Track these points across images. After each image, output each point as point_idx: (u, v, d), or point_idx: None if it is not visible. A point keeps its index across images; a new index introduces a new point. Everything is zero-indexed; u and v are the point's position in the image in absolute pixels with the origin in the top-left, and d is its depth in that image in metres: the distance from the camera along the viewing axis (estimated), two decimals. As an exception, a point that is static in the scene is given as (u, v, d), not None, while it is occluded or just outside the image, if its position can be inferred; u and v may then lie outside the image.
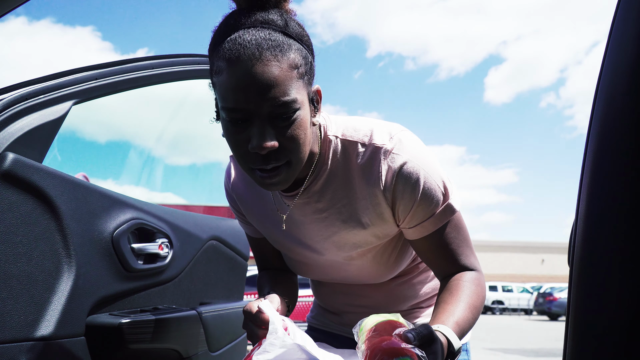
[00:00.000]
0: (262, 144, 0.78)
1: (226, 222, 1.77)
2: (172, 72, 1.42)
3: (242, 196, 1.07)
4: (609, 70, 0.53)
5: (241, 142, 0.81)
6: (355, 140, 0.92)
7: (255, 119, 0.79)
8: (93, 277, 1.17)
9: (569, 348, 0.52)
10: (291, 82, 0.79)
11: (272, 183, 0.84)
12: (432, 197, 0.90)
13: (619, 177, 0.49)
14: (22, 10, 1.07)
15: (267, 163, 0.81)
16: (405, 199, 0.90)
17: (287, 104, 0.79)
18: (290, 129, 0.81)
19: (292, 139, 0.81)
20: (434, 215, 0.91)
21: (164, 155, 2.46)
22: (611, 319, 0.48)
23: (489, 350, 8.73)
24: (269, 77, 0.77)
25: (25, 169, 1.03)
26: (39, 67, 62.89)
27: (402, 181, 0.88)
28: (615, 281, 0.48)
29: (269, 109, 0.78)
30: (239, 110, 0.79)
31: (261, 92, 0.77)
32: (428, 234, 0.93)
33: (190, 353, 1.41)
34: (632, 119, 0.48)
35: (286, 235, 1.03)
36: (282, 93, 0.78)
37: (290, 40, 0.81)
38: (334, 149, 0.93)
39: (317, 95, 0.89)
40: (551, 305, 19.68)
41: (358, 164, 0.91)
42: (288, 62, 0.79)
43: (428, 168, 0.90)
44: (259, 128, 0.79)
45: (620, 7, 0.53)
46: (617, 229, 0.48)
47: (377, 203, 0.91)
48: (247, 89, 0.77)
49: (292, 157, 0.83)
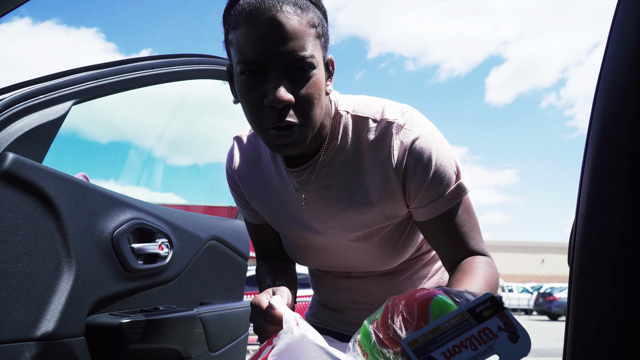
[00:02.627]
0: (278, 97, 0.77)
1: (226, 222, 1.77)
2: (172, 72, 1.42)
3: (245, 178, 1.05)
4: (609, 71, 0.53)
5: (257, 99, 0.80)
6: (366, 116, 0.91)
7: (272, 72, 0.78)
8: (93, 277, 1.17)
9: (569, 348, 0.52)
10: (310, 39, 0.79)
11: (285, 144, 0.82)
12: (444, 174, 0.88)
13: (619, 177, 0.49)
14: (26, 11, 1.07)
15: (282, 119, 0.80)
16: (417, 176, 0.88)
17: (304, 58, 0.78)
18: (306, 86, 0.80)
19: (308, 97, 0.81)
20: (446, 194, 0.88)
21: (164, 155, 2.46)
22: (611, 319, 0.48)
23: (489, 350, 8.71)
24: (288, 29, 0.77)
25: (25, 169, 1.03)
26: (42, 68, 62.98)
27: (414, 157, 0.87)
28: (615, 281, 0.48)
29: (287, 61, 0.78)
30: (256, 61, 0.78)
31: (280, 42, 0.77)
32: (438, 215, 0.90)
33: (190, 353, 1.41)
34: (632, 119, 0.48)
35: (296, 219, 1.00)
36: (300, 46, 0.78)
37: (308, 2, 0.82)
38: (345, 124, 0.92)
39: (331, 64, 0.89)
40: (551, 305, 19.67)
41: (368, 139, 0.90)
42: (307, 19, 0.80)
43: (440, 145, 0.89)
44: (275, 81, 0.78)
45: (620, 7, 0.53)
46: (617, 229, 0.48)
47: (387, 179, 0.90)
48: (266, 39, 0.77)
49: (306, 117, 0.82)
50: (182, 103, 2.07)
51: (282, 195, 1.00)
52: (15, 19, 41.30)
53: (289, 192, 0.99)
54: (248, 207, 1.10)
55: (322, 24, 0.84)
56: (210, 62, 1.56)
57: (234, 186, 1.09)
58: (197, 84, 1.63)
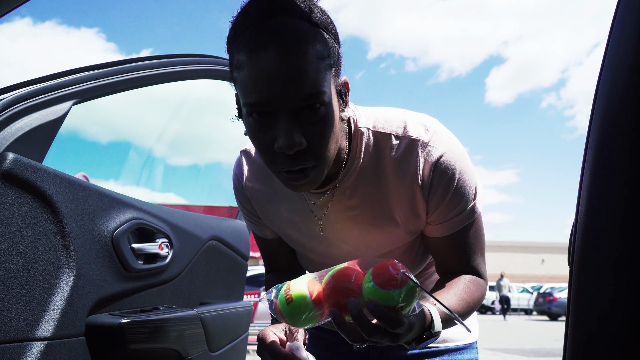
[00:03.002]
0: (289, 144, 0.72)
1: (226, 222, 1.77)
2: (172, 72, 1.42)
3: (257, 195, 1.00)
4: (609, 71, 0.53)
5: (266, 142, 0.76)
6: (388, 132, 0.87)
7: (280, 115, 0.73)
8: (93, 277, 1.17)
9: (569, 348, 0.52)
10: (318, 74, 0.73)
11: (300, 185, 0.79)
12: (463, 194, 0.87)
13: (619, 177, 0.49)
14: (27, 11, 1.07)
15: (295, 164, 0.75)
16: (437, 193, 0.86)
17: (313, 96, 0.73)
18: (319, 125, 0.75)
19: (321, 137, 0.76)
20: (461, 214, 0.88)
21: (164, 155, 2.46)
22: (611, 319, 0.48)
23: (489, 350, 8.72)
24: (294, 69, 0.71)
25: (25, 169, 1.03)
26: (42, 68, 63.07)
27: (438, 174, 0.85)
28: (615, 281, 0.48)
29: (295, 103, 0.72)
30: (262, 104, 0.73)
31: (286, 84, 0.71)
32: (450, 234, 0.90)
33: (190, 353, 1.41)
34: (632, 119, 0.48)
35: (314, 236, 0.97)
36: (308, 86, 0.72)
37: (316, 28, 0.74)
38: (366, 142, 0.87)
39: (345, 87, 0.83)
40: (551, 305, 19.66)
41: (392, 157, 0.86)
42: (314, 52, 0.73)
43: (463, 163, 0.87)
44: (285, 125, 0.73)
45: (620, 7, 0.53)
46: (617, 229, 0.48)
47: (413, 198, 0.87)
48: (270, 82, 0.71)
49: (320, 158, 0.77)
50: (182, 103, 2.07)
51: (299, 214, 0.96)
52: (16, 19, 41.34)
53: (306, 211, 0.95)
54: (258, 223, 1.05)
55: (333, 50, 0.77)
56: (210, 62, 1.56)
57: (244, 202, 1.04)
58: (197, 84, 1.63)
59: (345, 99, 0.83)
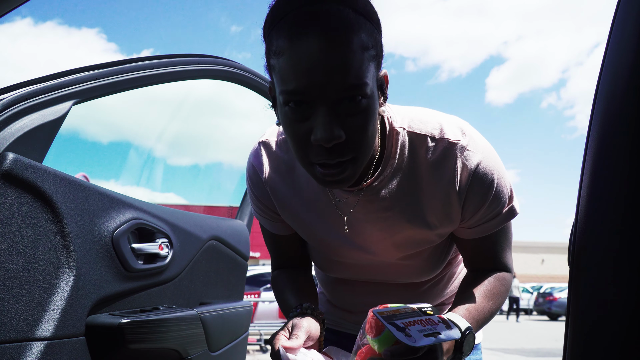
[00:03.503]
0: (328, 136, 0.69)
1: (226, 222, 1.77)
2: (172, 72, 1.42)
3: (278, 189, 0.95)
4: (609, 71, 0.53)
5: (302, 133, 0.72)
6: (424, 133, 0.84)
7: (319, 105, 0.70)
8: (93, 277, 1.17)
9: (569, 348, 0.52)
10: (361, 65, 0.70)
11: (335, 181, 0.75)
12: (500, 198, 0.86)
13: (619, 177, 0.49)
14: (27, 11, 1.07)
15: (332, 157, 0.72)
16: (476, 199, 0.85)
17: (356, 88, 0.69)
18: (359, 118, 0.72)
19: (360, 131, 0.72)
20: (497, 217, 0.88)
21: (165, 155, 2.46)
22: (611, 319, 0.48)
23: (489, 350, 8.72)
24: (337, 57, 0.67)
25: (25, 169, 1.03)
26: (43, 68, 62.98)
27: (478, 181, 0.83)
28: (615, 281, 0.48)
29: (336, 93, 0.69)
30: (301, 93, 0.69)
31: (328, 73, 0.67)
32: (484, 235, 0.90)
33: (190, 353, 1.41)
34: (632, 119, 0.48)
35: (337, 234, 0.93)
36: (351, 76, 0.69)
37: (361, 17, 0.71)
38: (402, 142, 0.84)
39: (385, 80, 0.79)
40: (551, 305, 19.66)
41: (427, 159, 0.84)
42: (359, 42, 0.69)
43: (500, 169, 0.86)
44: (324, 117, 0.70)
45: (620, 7, 0.53)
46: (617, 229, 0.48)
47: (448, 202, 0.85)
48: (312, 70, 0.67)
49: (359, 152, 0.74)
50: (182, 103, 2.07)
51: (322, 212, 0.93)
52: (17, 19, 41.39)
53: (332, 210, 0.92)
54: (272, 218, 1.01)
55: (376, 41, 0.74)
56: (210, 62, 1.56)
57: (262, 197, 0.98)
58: (197, 84, 1.63)
59: (385, 93, 0.80)
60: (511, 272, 0.97)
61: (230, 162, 1.00)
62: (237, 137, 1.09)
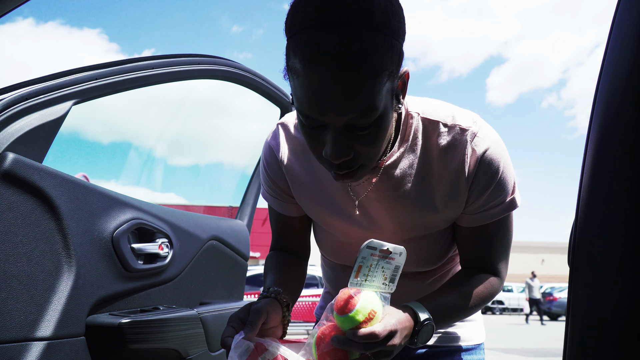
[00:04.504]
0: (336, 156, 0.75)
1: (226, 222, 1.77)
2: (172, 72, 1.42)
3: (294, 170, 0.98)
4: (609, 71, 0.53)
5: (315, 143, 0.78)
6: (436, 119, 0.88)
7: (330, 128, 0.74)
8: (93, 277, 1.17)
9: (569, 348, 0.52)
10: (373, 92, 0.71)
11: (346, 180, 0.81)
12: (504, 187, 0.89)
13: (619, 177, 0.49)
14: (29, 11, 1.07)
15: (341, 169, 0.78)
16: (480, 185, 0.88)
17: (366, 114, 0.72)
18: (370, 134, 0.76)
19: (371, 145, 0.77)
20: (498, 206, 0.90)
21: (165, 155, 2.46)
22: (611, 318, 0.48)
23: (489, 350, 8.73)
24: (347, 88, 0.69)
25: (25, 169, 1.03)
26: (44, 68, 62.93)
27: (484, 167, 0.87)
28: (615, 281, 0.48)
29: (346, 120, 0.73)
30: (312, 119, 0.74)
31: (337, 104, 0.70)
32: (484, 224, 0.92)
33: (190, 353, 1.41)
34: (632, 119, 0.48)
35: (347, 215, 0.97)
36: (362, 104, 0.71)
37: (377, 36, 0.69)
38: (415, 126, 0.89)
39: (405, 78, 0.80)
40: (551, 305, 19.66)
41: (439, 144, 0.88)
42: (372, 67, 0.70)
43: (506, 158, 0.89)
44: (333, 137, 0.74)
45: (620, 8, 0.53)
46: (617, 229, 0.48)
47: (456, 187, 0.89)
48: (322, 100, 0.70)
49: (369, 160, 0.79)
50: (183, 103, 2.07)
51: (335, 193, 0.96)
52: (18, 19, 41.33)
53: (344, 189, 0.95)
54: (283, 199, 1.03)
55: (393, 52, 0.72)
56: (210, 62, 1.56)
57: (275, 176, 1.01)
58: (198, 84, 1.63)
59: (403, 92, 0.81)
60: (501, 279, 0.98)
61: (231, 162, 1.01)
62: (237, 138, 1.09)
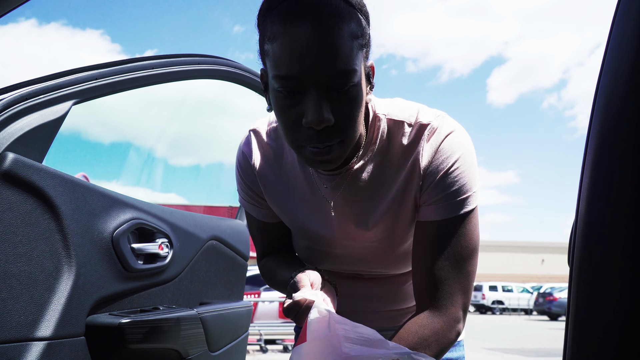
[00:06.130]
0: (319, 118, 0.73)
1: (226, 222, 1.77)
2: (172, 72, 1.42)
3: (266, 177, 0.99)
4: (609, 71, 0.53)
5: (293, 117, 0.76)
6: (401, 119, 0.89)
7: (310, 90, 0.74)
8: (93, 277, 1.17)
9: (569, 348, 0.52)
10: (351, 52, 0.73)
11: (324, 160, 0.79)
12: (459, 177, 0.85)
13: (619, 177, 0.49)
14: (31, 12, 1.07)
15: (321, 141, 0.76)
16: (434, 170, 0.86)
17: (346, 74, 0.73)
18: (347, 103, 0.76)
19: (348, 116, 0.77)
20: (454, 200, 0.85)
21: (166, 155, 2.46)
22: (611, 319, 0.48)
23: (489, 350, 8.73)
24: (329, 43, 0.71)
25: (25, 169, 1.03)
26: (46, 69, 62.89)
27: (440, 154, 0.85)
28: (615, 281, 0.48)
29: (327, 78, 0.73)
30: (293, 78, 0.73)
31: (320, 58, 0.71)
32: (437, 220, 0.86)
33: (190, 353, 1.41)
34: (632, 119, 0.48)
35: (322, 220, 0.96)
36: (342, 62, 0.72)
37: (351, 8, 0.75)
38: (382, 128, 0.89)
39: (372, 71, 0.84)
40: (551, 305, 19.67)
41: (403, 144, 0.88)
42: (349, 30, 0.73)
43: (466, 150, 0.87)
44: (314, 101, 0.73)
45: (620, 7, 0.53)
46: (617, 229, 0.48)
47: (413, 180, 0.88)
48: (304, 55, 0.71)
49: (346, 136, 0.78)
50: (184, 103, 2.07)
51: (307, 198, 0.96)
52: (21, 20, 41.33)
53: (315, 195, 0.95)
54: (260, 205, 1.04)
55: (365, 31, 0.78)
56: (210, 62, 1.56)
57: (250, 183, 1.02)
58: (199, 84, 1.63)
59: (372, 82, 0.84)
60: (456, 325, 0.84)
61: (231, 162, 1.01)
62: (238, 138, 1.10)
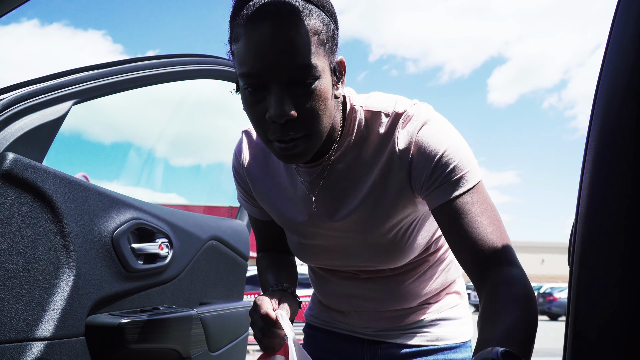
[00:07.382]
0: (279, 113, 0.76)
1: (226, 222, 1.77)
2: (172, 72, 1.42)
3: (254, 175, 1.04)
4: (609, 71, 0.52)
5: (259, 113, 0.79)
6: (378, 110, 0.90)
7: (272, 86, 0.77)
8: (93, 277, 1.17)
9: (569, 348, 0.52)
10: (309, 47, 0.77)
11: (291, 155, 0.81)
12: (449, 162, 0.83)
13: (619, 177, 0.49)
14: (33, 12, 1.07)
15: (285, 134, 0.79)
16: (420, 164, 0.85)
17: (304, 68, 0.76)
18: (310, 98, 0.78)
19: (311, 110, 0.79)
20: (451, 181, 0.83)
21: (167, 156, 2.46)
22: (611, 318, 0.48)
23: (489, 350, 8.70)
24: (287, 40, 0.75)
25: (25, 169, 1.03)
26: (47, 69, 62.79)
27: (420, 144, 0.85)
28: (615, 281, 0.48)
29: (287, 74, 0.76)
30: (255, 75, 0.77)
31: (278, 55, 0.75)
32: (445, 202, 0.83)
33: (190, 353, 1.41)
34: (632, 119, 0.48)
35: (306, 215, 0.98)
36: (300, 57, 0.76)
37: (311, 6, 0.79)
38: (359, 120, 0.91)
39: (341, 66, 0.86)
40: (551, 305, 19.65)
41: (380, 133, 0.89)
42: (308, 27, 0.77)
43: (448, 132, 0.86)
44: (276, 96, 0.77)
45: (620, 7, 0.53)
46: (617, 229, 0.48)
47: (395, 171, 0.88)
48: (264, 54, 0.75)
49: (311, 130, 0.80)
50: (184, 103, 2.07)
51: (291, 194, 0.99)
52: (23, 20, 41.36)
53: (298, 190, 0.97)
54: (254, 204, 1.09)
55: (328, 27, 0.81)
56: (210, 62, 1.56)
57: (242, 182, 1.07)
58: (199, 84, 1.63)
59: (341, 77, 0.86)
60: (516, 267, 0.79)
61: (231, 162, 1.01)
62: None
